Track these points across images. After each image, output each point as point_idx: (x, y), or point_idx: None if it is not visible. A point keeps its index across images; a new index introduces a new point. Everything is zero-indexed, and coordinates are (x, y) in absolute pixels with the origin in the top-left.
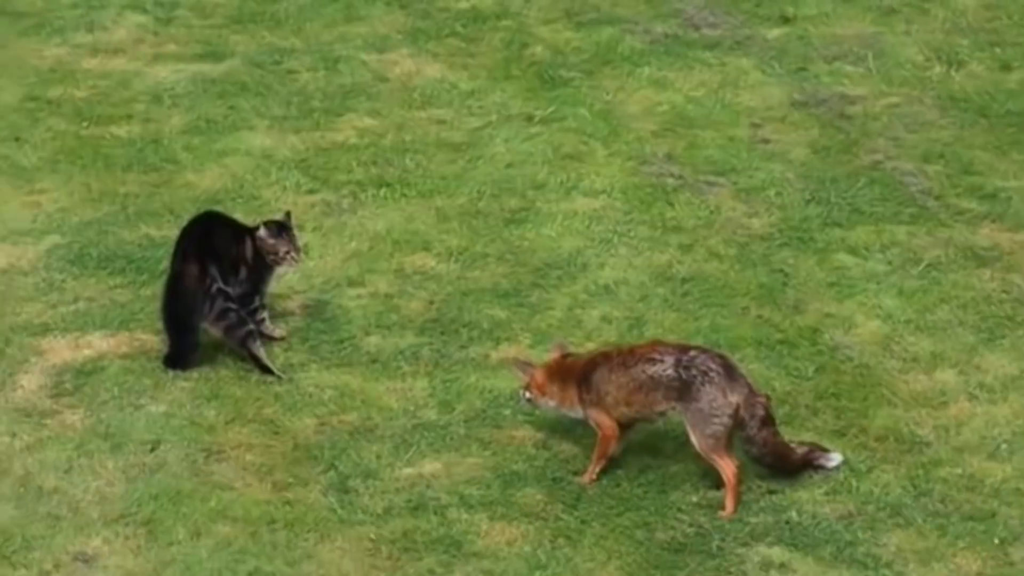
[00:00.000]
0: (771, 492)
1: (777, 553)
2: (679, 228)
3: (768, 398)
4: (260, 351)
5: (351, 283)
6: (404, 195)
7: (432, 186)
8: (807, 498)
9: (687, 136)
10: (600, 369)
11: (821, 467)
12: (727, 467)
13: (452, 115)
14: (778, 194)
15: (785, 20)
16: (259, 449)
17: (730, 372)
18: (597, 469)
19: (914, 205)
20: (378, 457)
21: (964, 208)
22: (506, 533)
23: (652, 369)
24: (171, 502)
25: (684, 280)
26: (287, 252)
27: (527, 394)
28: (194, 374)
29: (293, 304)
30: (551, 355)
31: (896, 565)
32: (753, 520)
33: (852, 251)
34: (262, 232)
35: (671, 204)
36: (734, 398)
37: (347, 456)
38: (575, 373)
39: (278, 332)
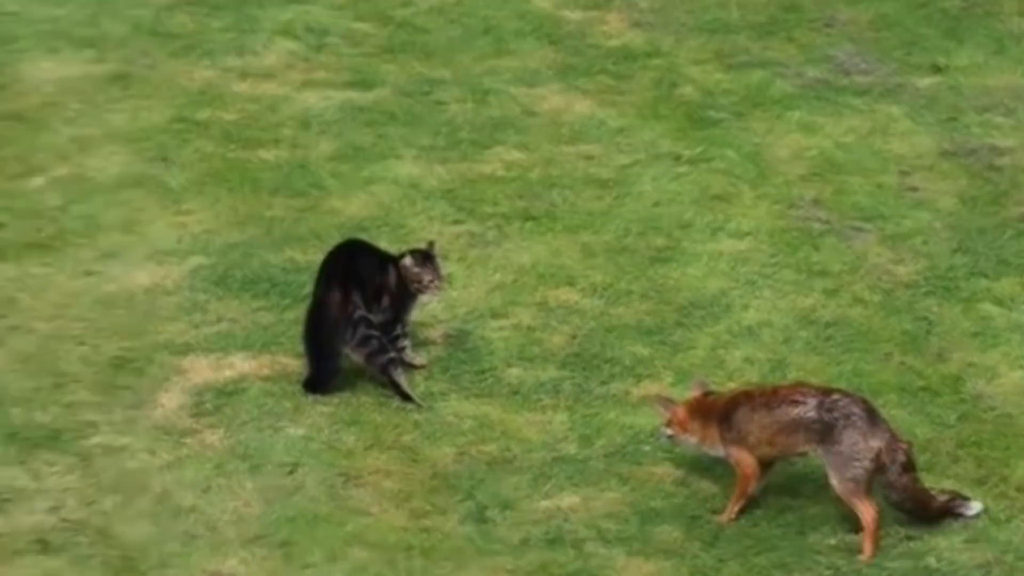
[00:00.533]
0: (909, 538)
1: None
2: (824, 273)
3: (910, 444)
4: (401, 378)
5: (494, 314)
6: (550, 229)
7: (578, 221)
8: (946, 545)
9: (835, 181)
10: (742, 408)
11: (960, 515)
12: (867, 511)
13: (600, 151)
14: (924, 242)
15: (937, 69)
16: (397, 476)
17: (872, 417)
18: (736, 508)
19: None
20: (516, 488)
21: None
22: (643, 569)
23: (795, 411)
24: (307, 525)
25: (828, 324)
26: (431, 281)
27: (668, 430)
28: (334, 399)
29: (436, 333)
30: (692, 393)
31: None
32: (891, 565)
33: (997, 301)
34: (407, 261)
35: (817, 248)
36: (875, 443)
37: (485, 486)
38: (716, 411)
39: (419, 360)
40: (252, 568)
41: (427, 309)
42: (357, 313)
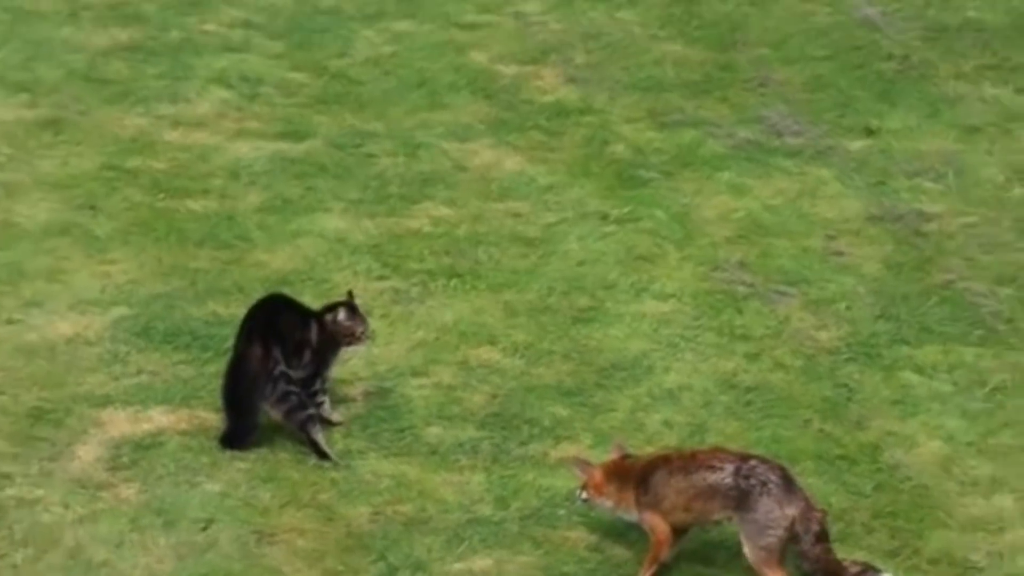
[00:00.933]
0: None
1: None
2: (747, 336)
3: (825, 513)
4: (319, 436)
5: (415, 372)
6: (474, 287)
7: (503, 280)
8: None
9: (761, 244)
10: (659, 472)
11: None
12: None
13: (528, 209)
14: (848, 308)
15: (869, 132)
16: (311, 535)
17: (788, 484)
18: (648, 575)
19: (984, 327)
20: (429, 551)
21: None
22: None
23: (712, 477)
24: None
25: (748, 389)
26: (363, 332)
27: (583, 494)
28: (251, 455)
29: (355, 391)
30: (610, 455)
31: None
32: None
33: (918, 370)
34: (342, 315)
35: (740, 312)
36: (791, 511)
37: (399, 547)
38: (633, 475)
39: (336, 417)
40: None
41: (348, 366)
42: (277, 369)
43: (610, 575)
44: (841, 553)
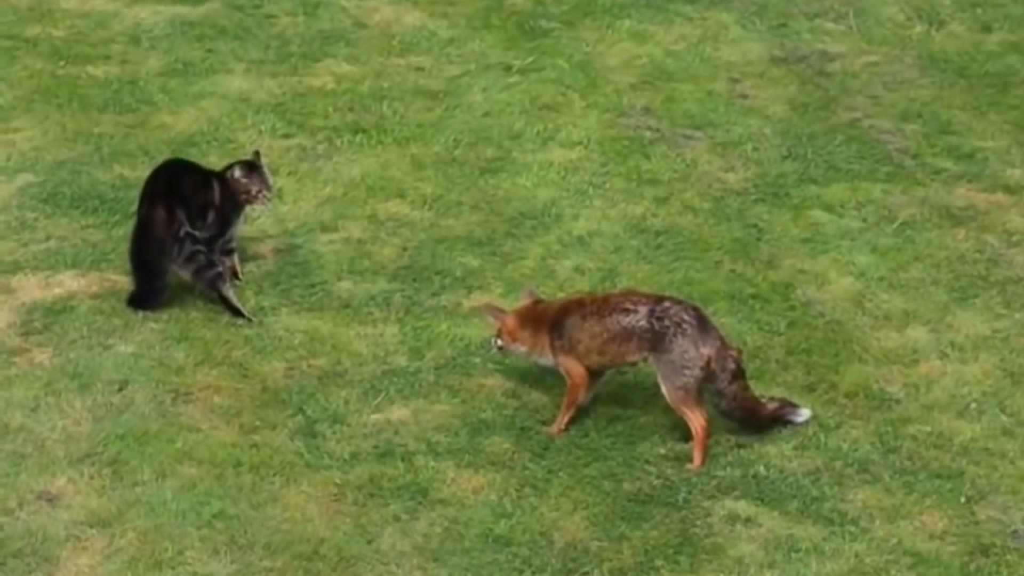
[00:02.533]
0: (739, 446)
1: (743, 507)
2: (655, 181)
3: (740, 352)
4: (230, 293)
5: (324, 228)
6: (380, 142)
7: (408, 133)
8: (775, 453)
9: (665, 89)
10: (573, 316)
11: (790, 422)
12: (696, 420)
13: (431, 63)
14: (755, 149)
15: None
16: (227, 392)
17: (703, 324)
18: (566, 418)
19: (891, 164)
20: (346, 402)
21: (940, 167)
22: (472, 481)
23: (626, 319)
24: (137, 443)
25: (658, 233)
26: (259, 191)
27: (498, 341)
28: (164, 315)
29: (265, 248)
30: (522, 302)
31: (862, 521)
32: (720, 474)
33: (827, 208)
34: (236, 172)
35: (647, 157)
36: (706, 350)
37: (315, 401)
38: (547, 320)
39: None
40: (80, 487)
41: (257, 224)
42: (182, 230)
43: (528, 420)
44: (758, 391)
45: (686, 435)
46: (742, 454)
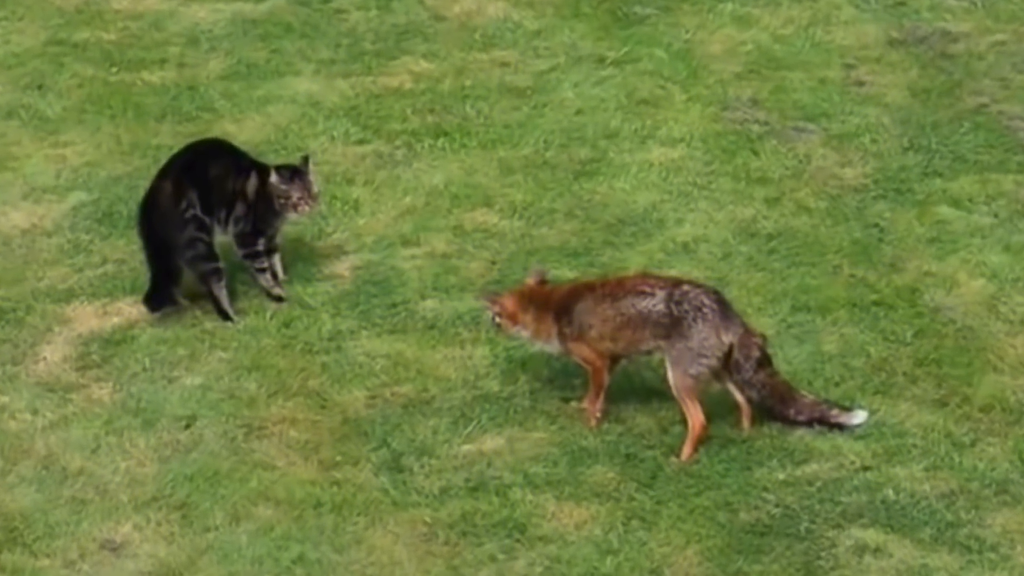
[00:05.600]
0: (864, 469)
1: (872, 535)
2: (765, 180)
3: (764, 338)
4: (222, 292)
5: (405, 242)
6: (464, 145)
7: (494, 135)
8: (904, 475)
9: (774, 78)
10: (584, 300)
11: (840, 425)
12: (697, 415)
13: (516, 57)
14: (873, 141)
15: None
16: (304, 425)
17: (724, 309)
18: (598, 406)
19: (1022, 152)
20: (435, 433)
21: None
22: (575, 515)
23: (642, 303)
24: (208, 483)
25: (770, 236)
26: (300, 198)
27: (497, 320)
28: (233, 343)
29: (342, 266)
30: (528, 280)
31: (1002, 547)
32: (845, 500)
33: (954, 203)
34: (274, 178)
35: (756, 153)
36: (728, 337)
37: (400, 432)
38: (553, 303)
39: (277, 290)
40: (147, 534)
41: (333, 239)
42: (190, 212)
43: (633, 446)
44: (884, 406)
45: (806, 457)
46: (868, 477)
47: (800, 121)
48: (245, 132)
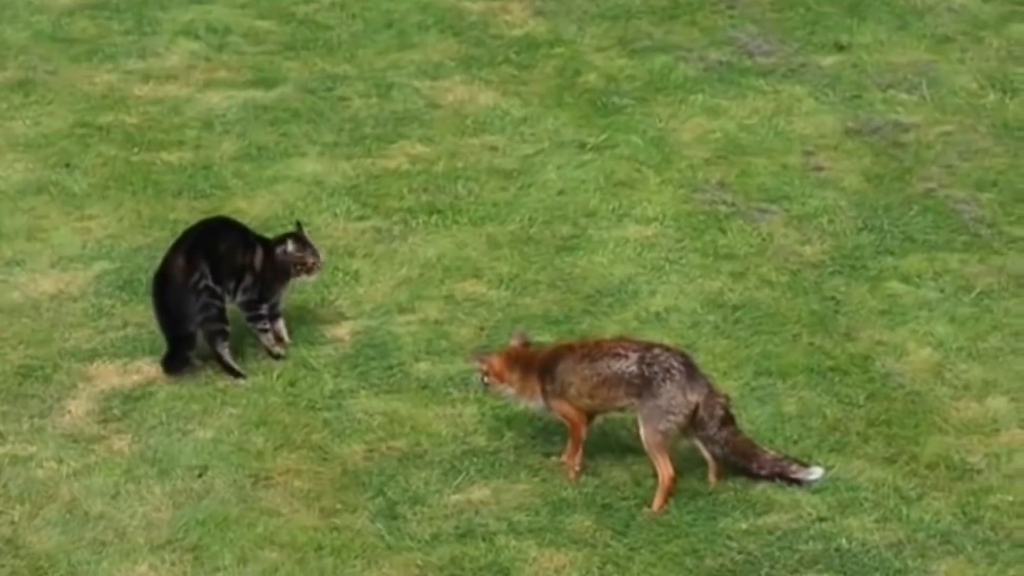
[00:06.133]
0: (821, 519)
1: None
2: (731, 255)
3: (728, 398)
4: (225, 351)
5: (401, 310)
6: (455, 222)
7: (483, 213)
8: (857, 525)
9: (740, 163)
10: (565, 361)
11: (798, 480)
12: (666, 468)
13: (504, 142)
14: (831, 222)
15: (839, 48)
16: (307, 475)
17: (691, 371)
18: (576, 460)
19: (967, 233)
20: (427, 483)
21: (1017, 236)
22: (555, 560)
23: (616, 364)
24: (218, 528)
25: (735, 307)
26: (314, 262)
27: (485, 379)
28: (242, 401)
29: (343, 331)
30: (512, 343)
31: None
32: (803, 548)
33: (904, 279)
34: (290, 246)
35: (723, 231)
36: (693, 397)
37: (395, 482)
38: (537, 363)
39: (278, 349)
40: (162, 573)
41: (334, 306)
42: (202, 282)
43: (608, 497)
44: (838, 463)
45: (767, 508)
46: (824, 527)
47: (764, 203)
48: (255, 208)
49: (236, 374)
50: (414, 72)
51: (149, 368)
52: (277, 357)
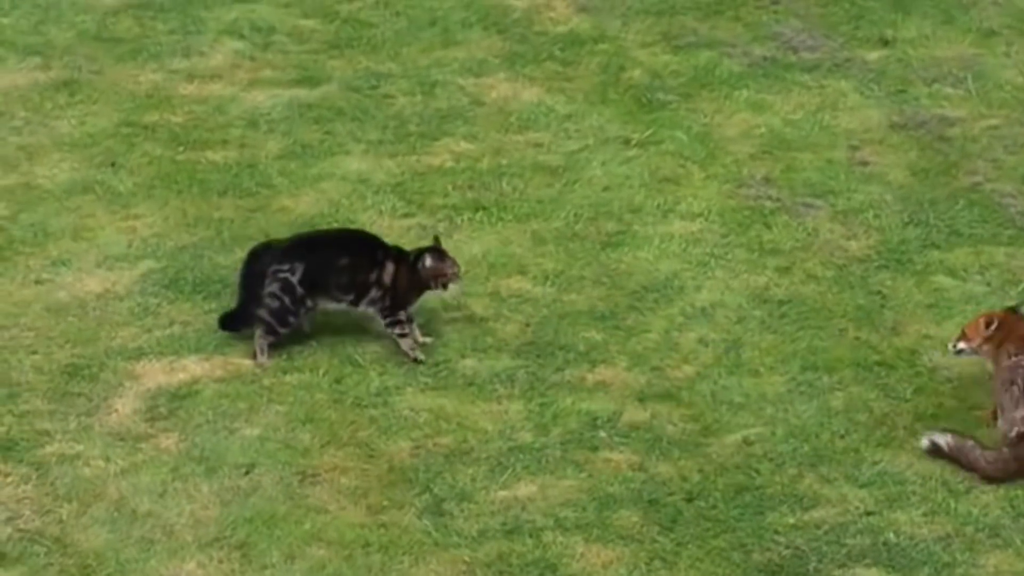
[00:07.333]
0: (868, 513)
1: (874, 575)
2: (776, 250)
3: None
4: (262, 341)
5: (446, 306)
6: (500, 219)
7: (528, 209)
8: (905, 519)
9: (785, 159)
10: None
11: None
12: None
13: (549, 139)
14: (876, 216)
15: (884, 43)
16: (354, 472)
17: None
18: None
19: (1013, 227)
20: (473, 480)
21: None
22: (601, 556)
23: None
24: (265, 525)
25: (781, 302)
26: (454, 272)
27: (960, 344)
28: (289, 398)
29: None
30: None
31: None
32: (850, 542)
33: (951, 273)
34: (429, 261)
35: (768, 227)
36: None
37: (442, 479)
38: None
39: (415, 353)
40: (210, 571)
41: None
42: (283, 274)
43: (655, 492)
44: (884, 459)
45: (815, 503)
46: (871, 521)
47: (809, 198)
48: (300, 206)
49: (255, 357)
50: (458, 69)
51: (195, 366)
52: (416, 361)
